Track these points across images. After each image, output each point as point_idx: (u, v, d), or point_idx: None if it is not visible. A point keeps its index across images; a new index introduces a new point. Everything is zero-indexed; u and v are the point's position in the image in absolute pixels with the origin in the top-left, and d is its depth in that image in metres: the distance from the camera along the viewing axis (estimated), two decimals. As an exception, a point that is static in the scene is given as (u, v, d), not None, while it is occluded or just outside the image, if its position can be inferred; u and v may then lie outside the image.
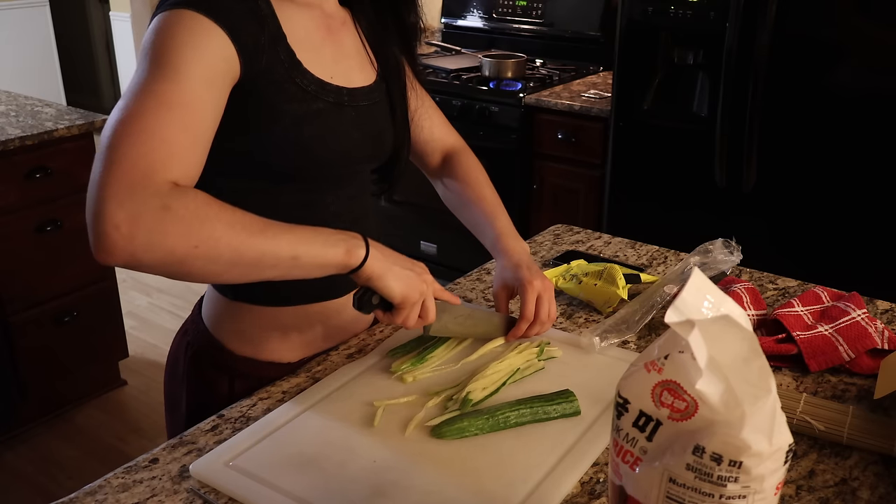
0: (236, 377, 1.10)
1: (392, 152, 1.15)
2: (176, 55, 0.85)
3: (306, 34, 1.01)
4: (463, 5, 3.51)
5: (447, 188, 1.26)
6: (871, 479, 0.88)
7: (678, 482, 0.62)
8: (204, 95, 0.86)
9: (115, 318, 2.75)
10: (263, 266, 0.85)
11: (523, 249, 1.15)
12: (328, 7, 1.06)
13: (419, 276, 0.97)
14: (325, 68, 1.02)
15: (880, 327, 1.11)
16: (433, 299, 0.99)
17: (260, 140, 0.98)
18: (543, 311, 1.08)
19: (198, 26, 0.87)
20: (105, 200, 0.77)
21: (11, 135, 2.30)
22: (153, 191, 0.79)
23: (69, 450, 2.54)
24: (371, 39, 1.13)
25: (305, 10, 1.02)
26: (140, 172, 0.79)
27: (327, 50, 1.04)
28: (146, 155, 0.80)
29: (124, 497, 0.84)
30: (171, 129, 0.83)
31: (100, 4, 5.87)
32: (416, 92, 1.20)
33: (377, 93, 1.10)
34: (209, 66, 0.87)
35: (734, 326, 0.60)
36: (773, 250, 2.22)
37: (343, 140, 1.04)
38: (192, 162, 0.85)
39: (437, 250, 3.10)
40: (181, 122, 0.84)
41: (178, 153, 0.83)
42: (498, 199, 1.22)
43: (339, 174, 1.07)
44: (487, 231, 1.18)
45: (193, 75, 0.85)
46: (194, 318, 1.16)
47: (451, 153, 1.27)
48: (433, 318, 1.00)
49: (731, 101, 2.21)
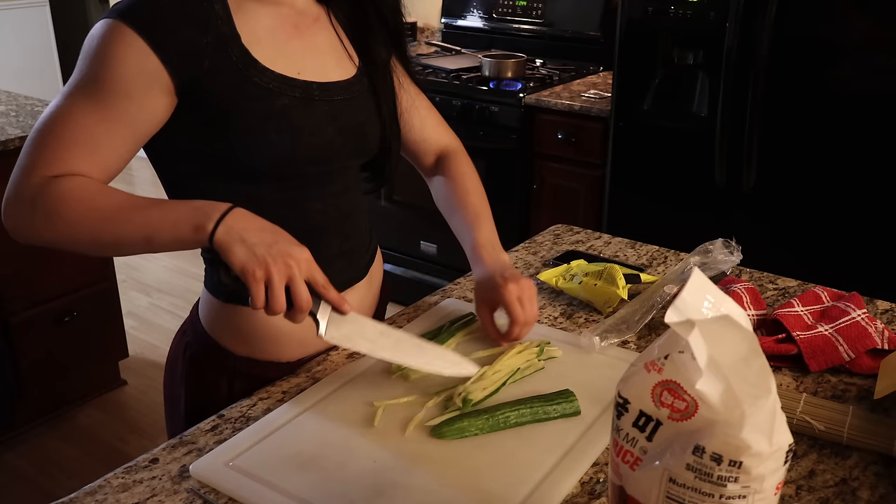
0: (235, 377, 1.10)
1: (380, 148, 1.15)
2: (91, 67, 0.93)
3: (269, 32, 1.01)
4: (463, 5, 3.51)
5: (437, 189, 1.25)
6: (871, 479, 0.88)
7: (678, 482, 0.62)
8: (111, 105, 0.93)
9: (115, 318, 2.75)
10: (124, 247, 0.94)
11: (498, 260, 1.11)
12: (298, 4, 1.07)
13: (279, 249, 0.87)
14: (292, 64, 1.02)
15: (880, 327, 1.10)
16: (304, 286, 0.89)
17: (230, 141, 0.98)
18: (528, 311, 1.05)
19: (118, 39, 0.92)
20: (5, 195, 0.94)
21: (11, 135, 2.30)
22: (28, 186, 0.92)
23: (69, 450, 2.54)
24: (351, 35, 1.12)
25: (270, 9, 1.03)
26: (27, 171, 0.93)
27: (294, 47, 1.04)
28: (35, 155, 0.93)
29: (124, 497, 0.84)
30: (66, 133, 0.92)
31: (100, 4, 5.87)
32: (408, 91, 1.19)
33: (357, 87, 1.09)
34: (124, 78, 0.92)
35: (734, 326, 0.60)
36: (773, 250, 2.22)
37: (314, 135, 1.03)
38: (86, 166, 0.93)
39: (437, 250, 3.10)
40: (78, 128, 0.92)
41: (68, 154, 0.92)
42: (484, 206, 1.19)
43: (320, 171, 1.07)
44: (466, 239, 1.15)
45: (107, 85, 0.92)
46: (192, 318, 1.15)
47: (444, 154, 1.26)
48: (304, 306, 0.88)
49: (731, 101, 2.21)
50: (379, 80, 1.13)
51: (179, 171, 1.04)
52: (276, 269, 0.86)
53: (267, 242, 0.88)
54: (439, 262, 3.11)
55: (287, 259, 0.88)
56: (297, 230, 0.95)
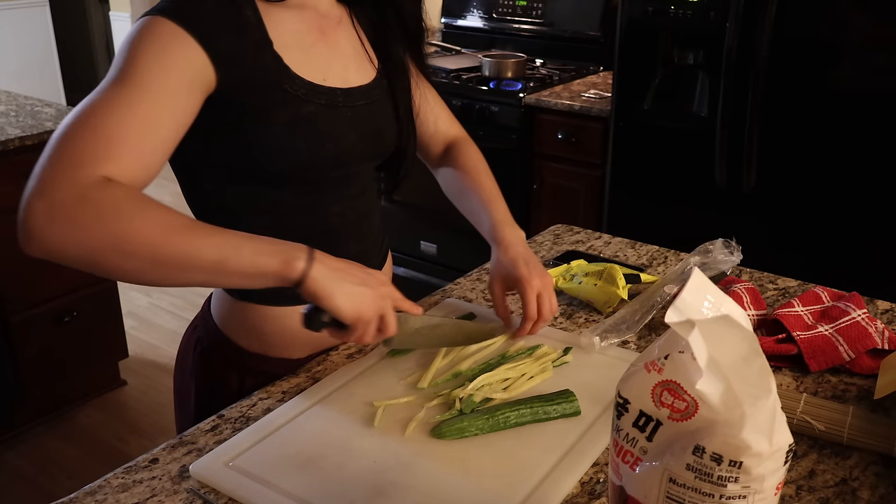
0: (247, 373, 1.10)
1: (396, 149, 1.15)
2: (139, 61, 0.86)
3: (296, 37, 1.00)
4: (463, 5, 3.51)
5: (446, 177, 1.25)
6: (871, 479, 0.88)
7: (678, 482, 0.62)
8: (160, 102, 0.86)
9: (115, 318, 2.75)
10: (185, 268, 0.81)
11: (519, 238, 1.13)
12: (322, 6, 1.06)
13: (375, 292, 0.91)
14: (317, 70, 1.01)
15: (880, 327, 1.10)
16: (394, 312, 0.93)
17: (254, 147, 0.97)
18: (546, 308, 1.07)
19: (168, 34, 0.88)
20: (31, 190, 0.78)
21: (11, 135, 2.30)
22: (76, 182, 0.78)
23: (69, 450, 2.54)
24: (372, 37, 1.12)
25: (296, 13, 1.02)
26: (69, 164, 0.79)
27: (320, 51, 1.03)
28: (81, 148, 0.80)
29: (124, 497, 0.84)
30: (114, 129, 0.82)
31: (100, 4, 5.87)
32: (422, 89, 1.20)
33: (377, 90, 1.10)
34: (172, 74, 0.87)
35: (734, 326, 0.60)
36: (773, 250, 2.22)
37: (338, 141, 1.03)
38: (132, 162, 0.83)
39: (437, 250, 3.10)
40: (127, 124, 0.83)
41: (117, 151, 0.82)
42: (496, 188, 1.21)
43: (339, 175, 1.07)
44: (484, 218, 1.16)
45: (152, 81, 0.85)
46: (204, 314, 1.15)
47: (453, 144, 1.27)
48: (394, 332, 0.94)
49: (731, 101, 2.21)
50: (397, 82, 1.13)
51: (201, 175, 1.02)
52: (377, 307, 0.90)
53: (361, 283, 0.89)
54: (439, 262, 3.10)
55: (383, 296, 0.91)
56: (316, 233, 0.95)
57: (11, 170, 2.31)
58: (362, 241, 1.14)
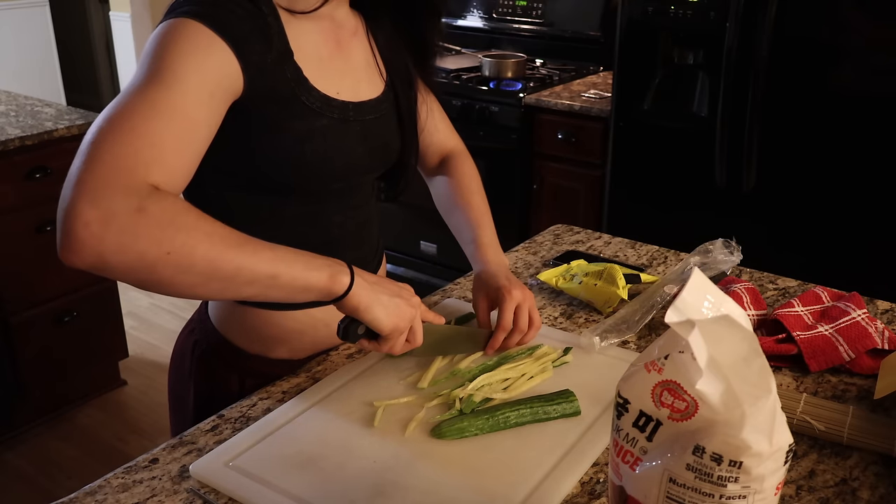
0: (247, 375, 1.10)
1: (398, 161, 1.15)
2: (176, 63, 0.83)
3: (314, 49, 1.00)
4: (463, 5, 3.51)
5: (439, 189, 1.26)
6: (871, 479, 0.88)
7: (678, 482, 0.62)
8: (199, 107, 0.84)
9: (115, 318, 2.76)
10: (239, 282, 0.81)
11: (502, 262, 1.14)
12: (339, 16, 1.05)
13: (407, 303, 0.93)
14: (332, 83, 1.01)
15: (880, 327, 1.10)
16: (421, 323, 0.96)
17: (264, 157, 0.97)
18: (522, 320, 1.06)
19: (202, 37, 0.85)
20: (78, 197, 0.74)
21: (11, 135, 2.30)
22: (131, 191, 0.75)
23: (69, 450, 2.54)
24: (384, 50, 1.12)
25: (315, 23, 1.00)
26: (119, 171, 0.76)
27: (335, 64, 1.02)
28: (130, 155, 0.77)
29: (124, 497, 0.84)
30: (159, 134, 0.80)
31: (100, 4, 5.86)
32: (428, 104, 1.20)
33: (385, 104, 1.09)
34: (208, 79, 0.85)
35: (734, 326, 0.60)
36: (773, 250, 2.22)
37: (346, 155, 1.03)
38: (177, 169, 0.82)
39: (437, 250, 3.10)
40: (171, 129, 0.80)
41: (164, 158, 0.80)
42: (486, 208, 1.21)
43: (342, 186, 1.07)
44: (468, 239, 1.17)
45: (191, 85, 0.83)
46: (201, 316, 1.15)
47: (449, 156, 1.27)
48: (420, 342, 0.97)
49: (731, 101, 2.21)
50: (404, 96, 1.13)
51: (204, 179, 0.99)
52: (409, 318, 0.93)
53: (395, 295, 0.92)
54: (439, 262, 3.11)
55: (413, 309, 0.94)
56: (316, 243, 0.95)
57: (11, 170, 2.31)
58: (360, 248, 1.14)
